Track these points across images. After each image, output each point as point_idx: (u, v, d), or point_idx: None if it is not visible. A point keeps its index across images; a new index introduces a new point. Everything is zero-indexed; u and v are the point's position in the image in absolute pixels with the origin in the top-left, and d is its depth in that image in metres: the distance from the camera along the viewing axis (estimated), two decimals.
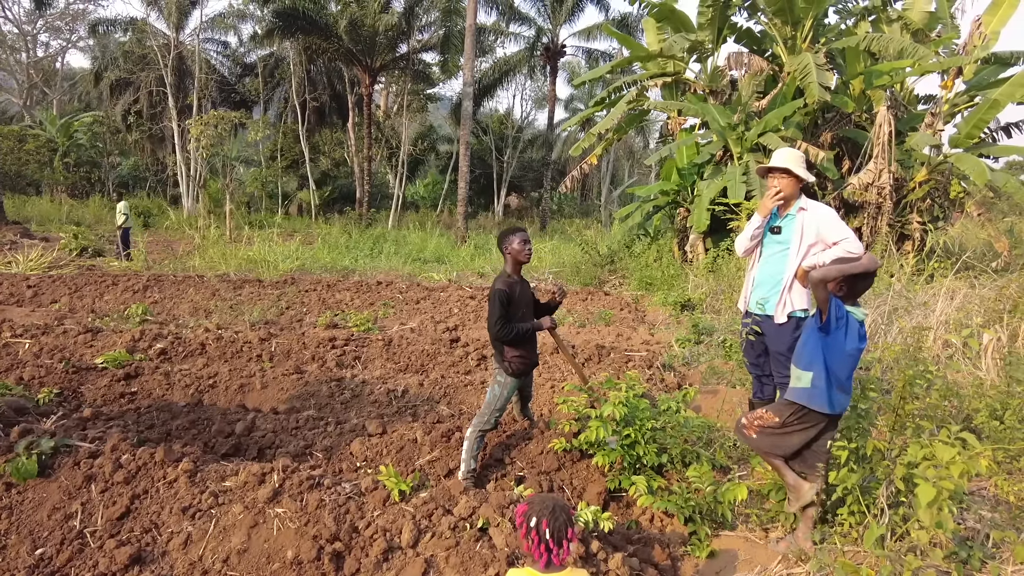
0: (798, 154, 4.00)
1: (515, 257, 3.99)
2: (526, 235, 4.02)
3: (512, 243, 3.97)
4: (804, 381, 3.10)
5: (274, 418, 4.87)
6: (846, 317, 3.01)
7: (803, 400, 3.11)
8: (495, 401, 4.00)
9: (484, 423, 4.00)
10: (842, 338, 3.00)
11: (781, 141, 11.13)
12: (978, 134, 11.75)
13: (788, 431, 3.13)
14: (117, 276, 11.09)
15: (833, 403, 3.06)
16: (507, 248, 4.00)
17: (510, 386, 3.99)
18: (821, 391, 3.05)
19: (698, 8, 12.67)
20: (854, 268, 3.03)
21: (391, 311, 9.62)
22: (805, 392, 3.10)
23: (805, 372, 3.10)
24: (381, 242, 18.19)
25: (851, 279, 3.01)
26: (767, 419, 3.17)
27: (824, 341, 3.03)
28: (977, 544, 3.18)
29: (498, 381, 4.01)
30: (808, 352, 3.10)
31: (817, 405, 3.07)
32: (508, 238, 4.01)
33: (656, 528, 3.66)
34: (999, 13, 11.97)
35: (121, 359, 5.92)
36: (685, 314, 9.32)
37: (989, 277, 7.80)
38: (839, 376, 3.05)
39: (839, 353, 3.02)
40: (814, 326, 3.07)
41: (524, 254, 3.99)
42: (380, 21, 23.47)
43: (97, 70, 30.81)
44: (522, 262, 4.02)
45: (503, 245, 4.02)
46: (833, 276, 2.97)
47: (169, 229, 21.03)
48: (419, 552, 3.01)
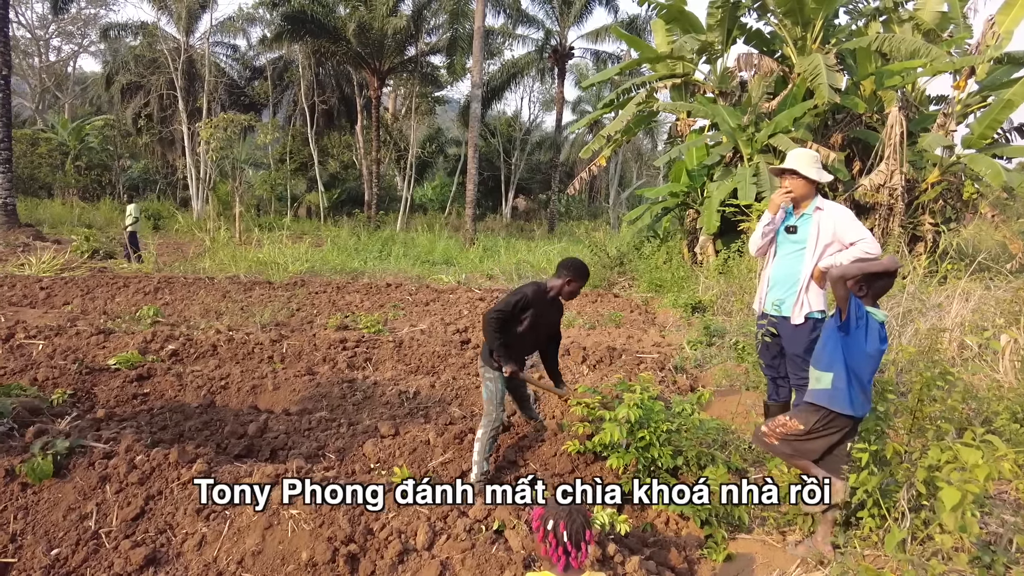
0: (812, 154, 3.96)
1: (566, 293, 3.99)
2: (582, 285, 4.04)
3: (574, 283, 3.95)
4: (824, 382, 3.05)
5: (286, 419, 4.86)
6: (866, 317, 2.97)
7: (823, 402, 3.06)
8: (493, 396, 3.98)
9: (491, 422, 3.98)
10: (862, 338, 2.96)
11: (791, 142, 11.07)
12: (991, 135, 11.65)
13: (813, 437, 3.07)
14: (128, 278, 11.15)
15: (855, 404, 3.01)
16: (569, 283, 3.95)
17: (499, 379, 3.97)
18: (842, 392, 3.00)
19: (707, 9, 12.63)
20: (874, 267, 3.01)
21: (401, 313, 9.62)
22: (825, 394, 3.05)
23: (825, 373, 3.05)
24: (390, 244, 18.23)
25: (871, 278, 2.98)
26: (791, 427, 3.11)
27: (844, 341, 2.98)
28: (1000, 549, 3.13)
29: (487, 377, 3.99)
30: (828, 353, 3.06)
31: (838, 406, 3.01)
32: (580, 277, 3.97)
33: (672, 531, 3.62)
34: (1012, 13, 11.87)
35: (133, 360, 5.94)
36: (696, 316, 9.27)
37: (1004, 279, 7.73)
38: (860, 377, 3.00)
39: (859, 353, 2.98)
40: (834, 326, 3.03)
41: (571, 295, 4.01)
42: (388, 24, 23.55)
43: (108, 74, 31.12)
44: (565, 297, 4.03)
45: (569, 275, 3.95)
46: (853, 274, 2.94)
47: (179, 231, 21.14)
48: (434, 554, 2.99)
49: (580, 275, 3.96)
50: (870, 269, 2.99)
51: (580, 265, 3.99)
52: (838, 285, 2.91)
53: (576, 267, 3.97)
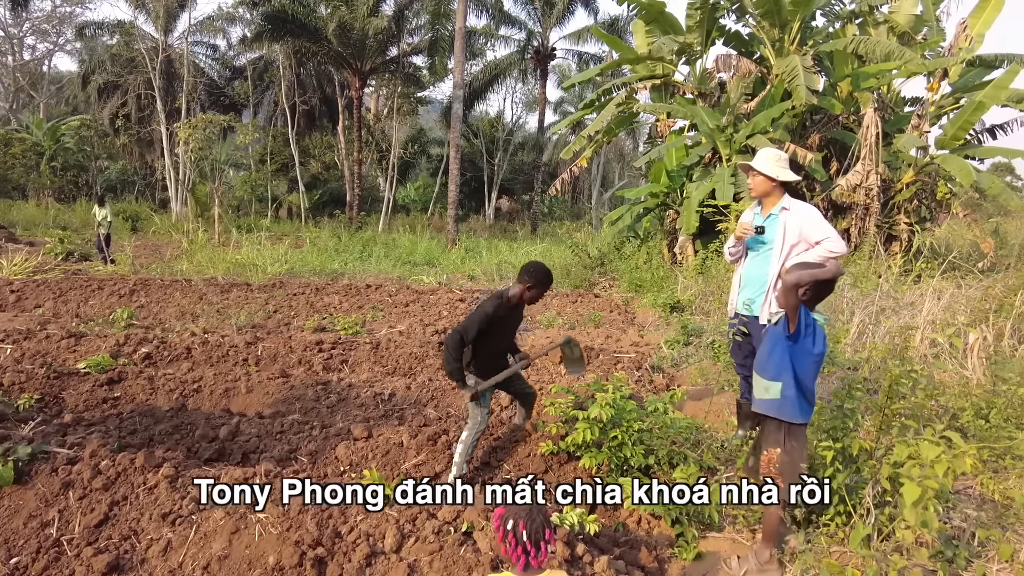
0: (776, 154, 4.01)
1: (527, 299, 3.97)
2: (544, 291, 4.01)
3: (534, 290, 3.92)
4: (773, 392, 3.01)
5: (259, 422, 4.82)
6: (812, 323, 2.94)
7: (772, 412, 3.04)
8: (478, 401, 3.98)
9: (477, 425, 3.98)
10: (810, 345, 2.93)
11: (769, 143, 11.16)
12: (964, 136, 11.84)
13: (792, 451, 3.03)
14: (103, 280, 10.98)
15: (803, 411, 3.00)
16: (530, 290, 3.92)
17: (483, 384, 3.95)
18: (790, 400, 2.97)
19: (686, 11, 12.71)
20: (824, 273, 2.91)
21: (380, 314, 9.56)
22: (774, 403, 3.02)
23: (773, 383, 3.01)
24: (371, 245, 18.12)
25: (818, 285, 2.91)
26: (772, 456, 3.05)
27: (792, 349, 2.95)
28: (963, 543, 3.17)
29: (470, 384, 3.96)
30: (776, 362, 3.01)
31: (787, 416, 2.99)
32: (542, 284, 3.93)
33: (643, 530, 3.63)
34: (983, 16, 12.08)
35: (104, 364, 5.85)
36: (674, 316, 9.32)
37: (975, 277, 7.85)
38: (806, 384, 2.98)
39: (807, 360, 2.95)
40: (782, 334, 2.98)
41: (533, 301, 3.99)
42: (369, 24, 23.41)
43: (84, 73, 30.63)
44: (527, 303, 4.01)
45: (530, 281, 3.90)
46: (806, 281, 2.87)
47: (156, 233, 20.87)
48: (402, 557, 2.97)
49: (540, 282, 3.92)
50: (821, 276, 2.90)
51: (541, 271, 3.94)
52: (791, 293, 2.87)
53: (536, 273, 3.92)
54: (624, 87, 14.60)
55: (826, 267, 2.94)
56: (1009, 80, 10.86)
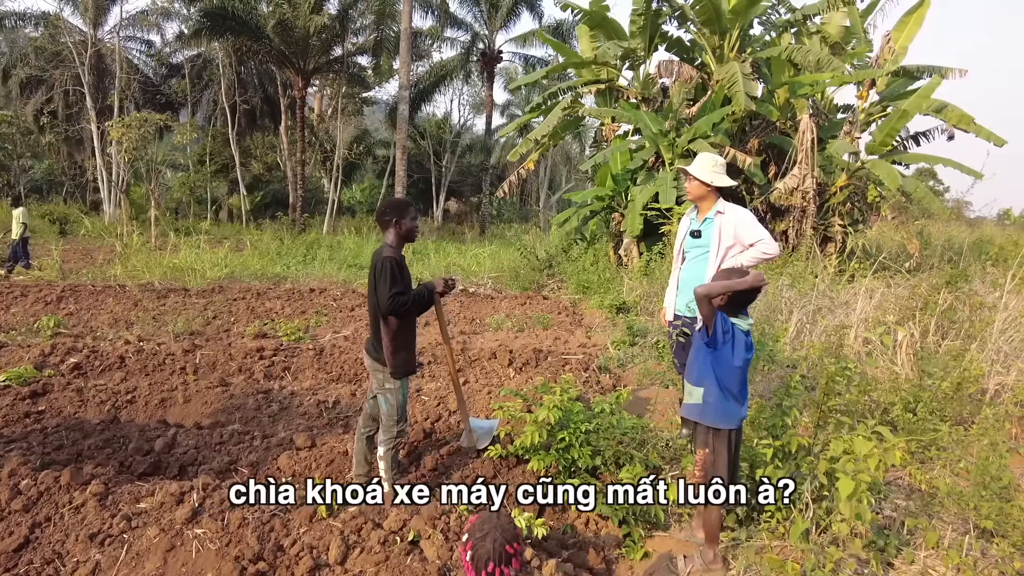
0: (711, 159, 4.11)
1: (406, 235, 3.75)
2: (416, 213, 3.83)
3: (405, 220, 3.70)
4: (695, 397, 3.05)
5: (197, 433, 4.64)
6: (732, 331, 2.94)
7: (695, 416, 3.08)
8: (394, 409, 3.75)
9: (393, 437, 3.78)
10: (730, 352, 2.95)
11: (710, 147, 11.45)
12: (891, 142, 12.42)
13: (718, 451, 3.05)
14: (27, 287, 10.40)
15: (727, 416, 3.02)
16: (400, 224, 3.70)
17: (402, 389, 3.77)
18: (711, 406, 3.01)
19: (630, 16, 12.94)
20: (740, 284, 2.87)
21: (324, 319, 9.36)
22: (697, 408, 3.06)
23: (696, 388, 3.05)
24: (315, 248, 17.72)
25: (736, 294, 2.90)
26: (701, 457, 3.08)
27: (713, 355, 2.98)
28: (894, 532, 3.31)
29: (387, 389, 3.74)
30: (698, 368, 3.05)
31: (709, 420, 3.03)
32: (403, 212, 3.70)
33: (591, 531, 3.65)
34: (906, 30, 12.75)
35: (27, 376, 5.53)
36: (620, 317, 9.45)
37: (903, 277, 8.25)
38: (731, 389, 3.00)
39: (728, 368, 2.97)
40: (702, 341, 3.01)
41: (415, 232, 3.80)
42: (312, 22, 22.91)
43: (5, 67, 28.94)
44: (411, 241, 3.82)
45: (395, 219, 3.69)
46: (718, 292, 2.88)
47: (87, 236, 19.90)
48: (347, 569, 2.90)
49: (401, 210, 3.71)
50: (736, 287, 2.87)
51: (392, 201, 3.78)
52: (703, 303, 2.89)
53: (392, 207, 3.74)
54: (570, 91, 14.75)
55: (745, 278, 2.90)
56: (930, 91, 11.47)
